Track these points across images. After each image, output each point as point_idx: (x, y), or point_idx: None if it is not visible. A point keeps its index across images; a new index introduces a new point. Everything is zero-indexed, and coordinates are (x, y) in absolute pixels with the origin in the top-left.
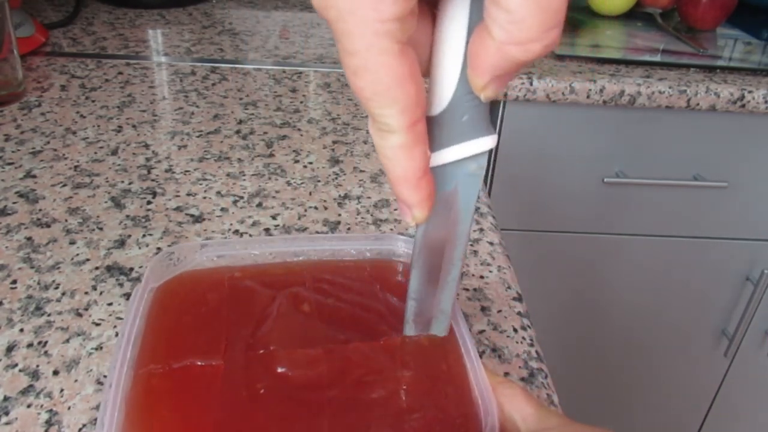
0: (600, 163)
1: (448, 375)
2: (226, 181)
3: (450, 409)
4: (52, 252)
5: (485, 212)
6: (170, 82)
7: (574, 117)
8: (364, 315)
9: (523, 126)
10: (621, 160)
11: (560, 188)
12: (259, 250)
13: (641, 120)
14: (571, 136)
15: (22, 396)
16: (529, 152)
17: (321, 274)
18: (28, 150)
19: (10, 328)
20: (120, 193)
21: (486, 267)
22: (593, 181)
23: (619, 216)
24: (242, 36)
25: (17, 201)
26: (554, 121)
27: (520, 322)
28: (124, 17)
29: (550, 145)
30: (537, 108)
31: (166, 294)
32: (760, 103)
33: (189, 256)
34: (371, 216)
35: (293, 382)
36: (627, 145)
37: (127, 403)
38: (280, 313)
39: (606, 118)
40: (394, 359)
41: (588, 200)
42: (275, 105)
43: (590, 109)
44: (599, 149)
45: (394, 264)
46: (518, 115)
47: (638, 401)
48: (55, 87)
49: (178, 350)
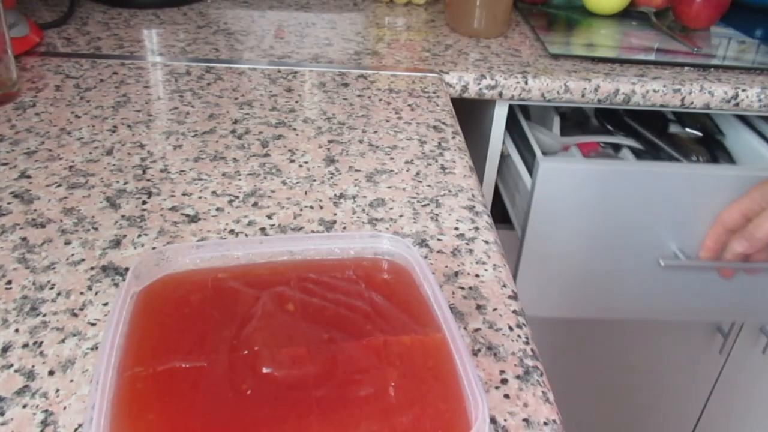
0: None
1: (435, 371)
2: (222, 181)
3: (439, 404)
4: (47, 252)
5: (481, 211)
6: (165, 81)
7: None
8: (350, 314)
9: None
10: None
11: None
12: (243, 251)
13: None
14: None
15: (18, 396)
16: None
17: (305, 274)
18: (22, 150)
19: (5, 329)
20: (115, 193)
21: (481, 266)
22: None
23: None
24: (237, 36)
25: (12, 201)
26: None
27: (516, 320)
28: (118, 17)
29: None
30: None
31: (149, 297)
32: (754, 101)
33: (172, 259)
34: (367, 215)
35: (279, 382)
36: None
37: (113, 408)
38: (264, 313)
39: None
40: (380, 357)
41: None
42: (270, 105)
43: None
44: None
45: (379, 262)
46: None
47: (634, 399)
48: (49, 87)
49: (162, 353)
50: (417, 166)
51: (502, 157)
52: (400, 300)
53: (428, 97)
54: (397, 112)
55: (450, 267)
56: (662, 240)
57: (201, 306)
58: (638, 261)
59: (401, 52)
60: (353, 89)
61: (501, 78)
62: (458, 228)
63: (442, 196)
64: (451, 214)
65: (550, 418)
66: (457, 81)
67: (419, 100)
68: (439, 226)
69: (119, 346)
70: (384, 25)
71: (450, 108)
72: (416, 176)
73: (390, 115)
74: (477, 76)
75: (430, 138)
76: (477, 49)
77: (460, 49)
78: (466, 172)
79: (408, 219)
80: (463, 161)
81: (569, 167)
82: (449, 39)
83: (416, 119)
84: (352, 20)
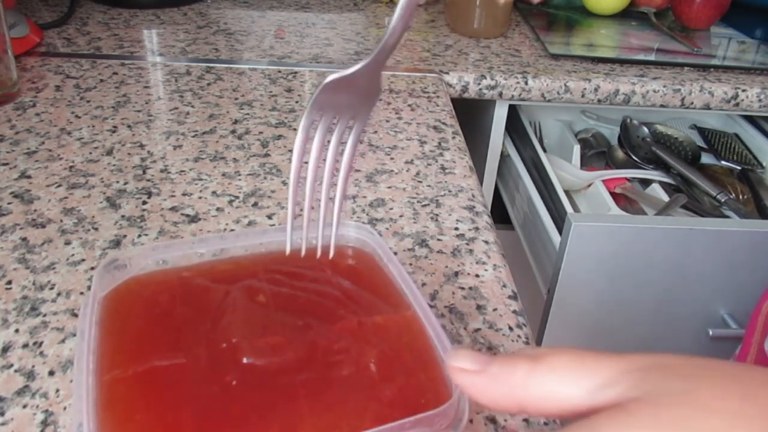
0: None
1: (411, 345)
2: (222, 181)
3: (419, 374)
4: (48, 252)
5: (481, 211)
6: (165, 82)
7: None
8: (321, 300)
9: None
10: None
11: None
12: (205, 248)
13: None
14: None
15: (18, 396)
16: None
17: (272, 266)
18: (22, 150)
19: (6, 329)
20: (115, 194)
21: (481, 266)
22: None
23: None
24: (237, 36)
25: (12, 201)
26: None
27: (516, 320)
28: (118, 17)
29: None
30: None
31: (116, 301)
32: (754, 101)
33: (134, 262)
34: (366, 215)
35: (263, 371)
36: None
37: (98, 414)
38: (236, 306)
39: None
40: (356, 338)
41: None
42: (270, 105)
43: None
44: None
45: (344, 249)
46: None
47: None
48: (49, 87)
49: (138, 354)
50: (417, 166)
51: (502, 157)
52: (367, 283)
53: (428, 97)
54: (397, 112)
55: (450, 267)
56: (710, 306)
57: (171, 305)
58: (683, 331)
59: (401, 52)
60: None
61: (501, 78)
62: (458, 228)
63: (442, 196)
64: (451, 214)
65: (551, 419)
66: (457, 81)
67: (419, 100)
68: (439, 226)
69: (94, 351)
70: (384, 25)
71: (450, 108)
72: (416, 176)
73: (390, 115)
74: (477, 77)
75: (430, 138)
76: (477, 49)
77: (460, 49)
78: (466, 172)
79: (408, 219)
80: (463, 161)
81: (604, 226)
82: (449, 39)
83: (416, 119)
84: (352, 20)
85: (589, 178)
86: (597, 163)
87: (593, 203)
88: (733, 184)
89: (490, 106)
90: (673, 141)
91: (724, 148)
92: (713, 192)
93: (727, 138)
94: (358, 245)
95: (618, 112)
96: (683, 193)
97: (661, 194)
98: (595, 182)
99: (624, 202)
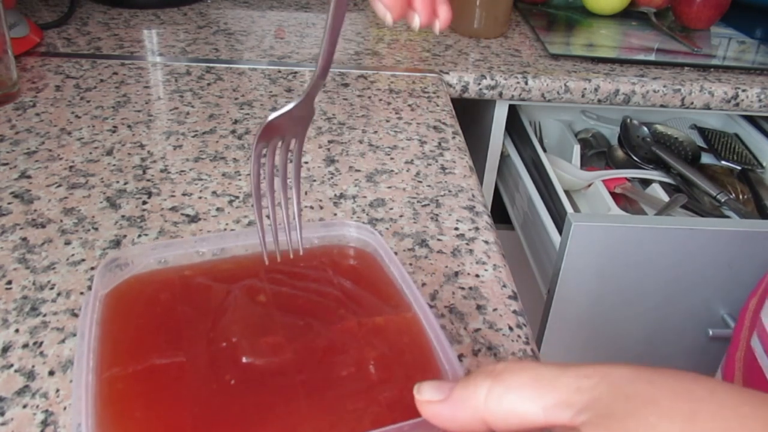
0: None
1: (411, 347)
2: (222, 181)
3: (418, 376)
4: (48, 252)
5: (481, 211)
6: (165, 82)
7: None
8: (321, 300)
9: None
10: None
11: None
12: (206, 247)
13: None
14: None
15: (18, 396)
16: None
17: (273, 265)
18: (22, 150)
19: (6, 329)
20: (115, 194)
21: (481, 266)
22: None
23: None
24: (237, 36)
25: (12, 201)
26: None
27: (516, 320)
28: (118, 17)
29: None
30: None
31: (117, 299)
32: (754, 101)
33: (135, 260)
34: (366, 215)
35: (262, 371)
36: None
37: (98, 412)
38: (237, 305)
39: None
40: (356, 339)
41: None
42: (271, 105)
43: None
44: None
45: (345, 249)
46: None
47: None
48: (49, 87)
49: (138, 352)
50: (417, 166)
51: (502, 157)
52: (368, 284)
53: (428, 97)
54: (397, 112)
55: (450, 267)
56: (710, 305)
57: (171, 303)
58: (683, 330)
59: (401, 52)
60: (353, 89)
61: (501, 78)
62: (458, 228)
63: (442, 196)
64: (451, 214)
65: None
66: (457, 81)
67: (419, 100)
68: (439, 226)
69: (94, 350)
70: (384, 25)
71: (450, 108)
72: (416, 176)
73: (390, 115)
74: (477, 76)
75: (430, 138)
76: (477, 49)
77: (460, 49)
78: (466, 172)
79: (408, 219)
80: (463, 161)
81: (604, 226)
82: (449, 39)
83: (416, 119)
84: (352, 20)
85: (589, 178)
86: (597, 163)
87: (593, 203)
88: (733, 184)
89: (490, 106)
90: (673, 141)
91: (724, 148)
92: (713, 192)
93: (727, 138)
94: (359, 245)
95: (618, 112)
96: (683, 193)
97: (661, 194)
98: (595, 182)
99: (624, 202)
